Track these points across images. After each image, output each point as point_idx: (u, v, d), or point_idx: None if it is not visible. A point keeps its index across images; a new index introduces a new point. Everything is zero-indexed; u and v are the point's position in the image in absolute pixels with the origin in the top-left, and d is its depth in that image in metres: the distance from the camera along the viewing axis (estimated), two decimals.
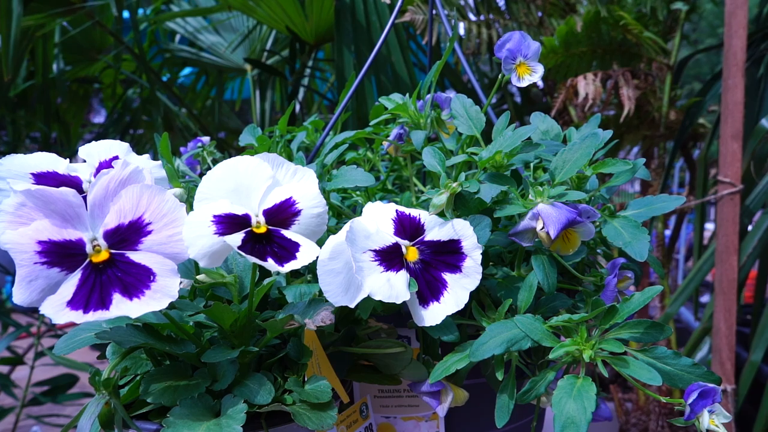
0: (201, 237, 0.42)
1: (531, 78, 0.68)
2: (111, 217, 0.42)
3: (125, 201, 0.42)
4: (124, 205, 0.42)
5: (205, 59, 2.41)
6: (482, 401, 0.65)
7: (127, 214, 0.42)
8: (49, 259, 0.39)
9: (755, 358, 1.53)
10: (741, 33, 1.45)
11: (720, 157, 1.52)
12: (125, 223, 0.42)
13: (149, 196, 0.42)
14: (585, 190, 0.65)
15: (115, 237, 0.41)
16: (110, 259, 0.41)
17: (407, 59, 1.77)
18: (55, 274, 0.39)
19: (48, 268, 0.39)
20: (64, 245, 0.40)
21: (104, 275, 0.40)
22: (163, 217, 0.42)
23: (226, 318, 0.51)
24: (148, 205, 0.42)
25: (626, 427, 2.13)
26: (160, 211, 0.42)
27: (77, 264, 0.40)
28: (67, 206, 0.41)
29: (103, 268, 0.40)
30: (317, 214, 0.49)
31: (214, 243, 0.42)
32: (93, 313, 0.38)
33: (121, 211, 0.42)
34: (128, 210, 0.42)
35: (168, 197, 0.43)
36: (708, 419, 0.51)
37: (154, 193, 0.42)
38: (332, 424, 0.50)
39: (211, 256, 0.42)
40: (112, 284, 0.40)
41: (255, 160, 0.48)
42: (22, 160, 0.50)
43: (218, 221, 0.44)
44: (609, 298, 0.60)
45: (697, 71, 7.91)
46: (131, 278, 0.40)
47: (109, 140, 0.56)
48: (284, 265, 0.44)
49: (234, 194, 0.47)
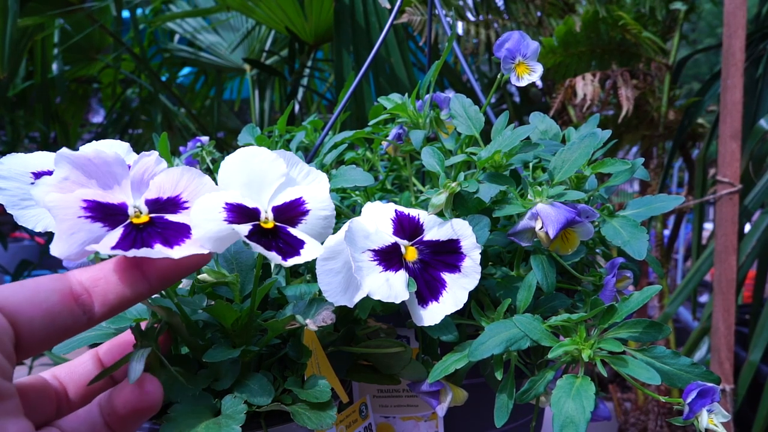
0: (210, 221, 0.42)
1: (530, 78, 0.68)
2: (151, 192, 0.43)
3: (165, 179, 0.44)
4: (163, 183, 0.44)
5: (204, 59, 2.41)
6: (481, 401, 0.65)
7: (166, 191, 0.44)
8: (93, 214, 0.40)
9: (754, 357, 1.53)
10: (740, 33, 1.45)
11: (719, 156, 1.52)
12: (163, 198, 0.43)
13: (189, 178, 0.44)
14: (584, 190, 0.65)
15: (154, 207, 0.43)
16: (150, 221, 0.42)
17: (406, 59, 1.77)
18: (97, 228, 0.40)
19: (92, 222, 0.40)
20: (107, 206, 0.41)
21: (145, 232, 0.41)
22: (197, 196, 0.44)
23: (228, 317, 0.51)
24: (186, 186, 0.44)
25: (625, 426, 2.13)
26: (198, 192, 0.44)
27: (119, 222, 0.41)
28: (110, 176, 0.42)
29: (143, 228, 0.42)
30: (324, 217, 0.49)
31: (222, 229, 0.43)
32: (136, 250, 0.39)
33: (161, 187, 0.44)
34: (167, 188, 0.44)
35: (206, 180, 0.45)
36: (707, 418, 0.51)
37: (194, 176, 0.44)
38: (331, 423, 0.50)
39: (215, 241, 0.42)
40: (152, 237, 0.41)
41: (272, 154, 0.49)
42: (23, 159, 0.50)
43: (229, 209, 0.44)
44: (608, 298, 0.61)
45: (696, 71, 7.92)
46: (171, 231, 0.42)
47: (110, 140, 0.55)
48: (287, 259, 0.44)
49: (247, 186, 0.47)
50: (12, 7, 1.63)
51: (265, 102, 2.42)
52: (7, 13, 1.63)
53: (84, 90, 2.71)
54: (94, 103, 3.99)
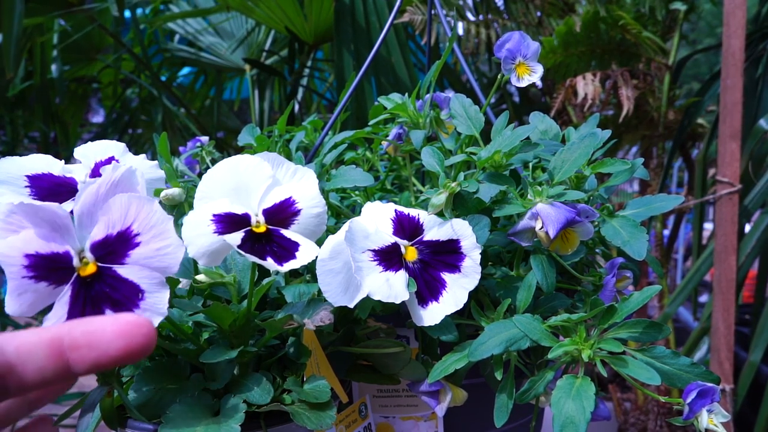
0: (200, 236, 0.42)
1: (530, 78, 0.68)
2: (99, 228, 0.40)
3: (114, 210, 0.40)
4: (112, 214, 0.40)
5: (204, 59, 2.40)
6: (481, 401, 0.65)
7: (115, 224, 0.40)
8: (37, 273, 0.38)
9: (754, 358, 1.53)
10: (739, 33, 1.45)
11: (719, 156, 1.52)
12: (113, 234, 0.40)
13: (138, 205, 0.40)
14: (584, 190, 0.65)
15: (102, 249, 0.40)
16: (98, 272, 0.39)
17: (407, 59, 1.77)
18: (43, 288, 0.38)
19: (36, 282, 0.38)
20: (51, 258, 0.38)
21: (93, 290, 0.39)
22: (151, 229, 0.40)
23: (225, 318, 0.51)
24: (136, 215, 0.40)
25: (625, 426, 2.13)
26: (149, 222, 0.40)
27: (65, 278, 0.39)
28: (55, 216, 0.39)
29: (91, 283, 0.39)
30: (317, 215, 0.49)
31: (214, 242, 0.42)
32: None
33: (109, 221, 0.40)
34: (116, 220, 0.40)
35: (156, 208, 0.40)
36: (707, 418, 0.51)
37: (143, 203, 0.40)
38: (331, 423, 0.50)
39: (210, 255, 0.42)
40: (102, 300, 0.39)
41: (255, 159, 0.48)
42: (18, 163, 0.49)
43: (218, 220, 0.43)
44: (608, 298, 0.61)
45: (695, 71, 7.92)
46: (119, 295, 0.39)
47: (106, 141, 0.55)
48: (283, 264, 0.44)
49: (234, 193, 0.46)
50: (17, 8, 1.63)
51: (265, 102, 2.42)
52: (13, 12, 1.62)
53: (84, 90, 2.71)
54: (94, 103, 3.99)
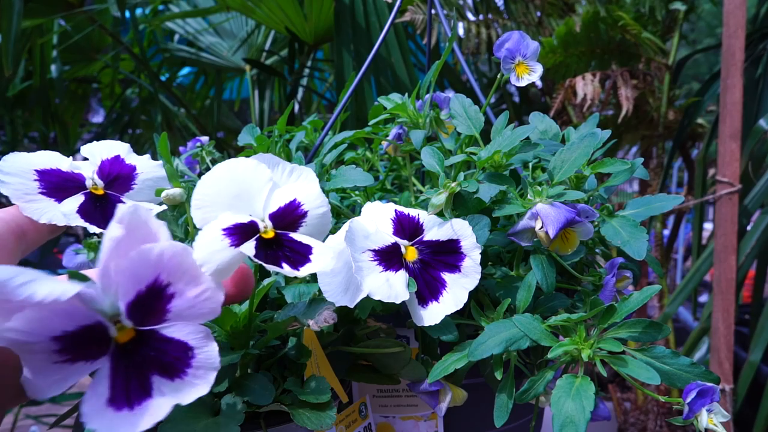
0: (217, 252, 0.39)
1: (530, 77, 0.68)
2: (126, 288, 0.35)
3: (137, 264, 0.35)
4: (137, 269, 0.35)
5: (203, 59, 2.40)
6: (481, 401, 0.65)
7: (141, 280, 0.35)
8: (71, 355, 0.33)
9: (754, 357, 1.53)
10: (739, 33, 1.45)
11: (718, 156, 1.52)
12: (143, 289, 0.35)
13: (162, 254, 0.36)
14: (583, 190, 0.65)
15: (137, 309, 0.35)
16: (137, 337, 0.35)
17: (406, 59, 1.77)
18: (80, 366, 0.33)
19: (71, 364, 0.33)
20: (81, 334, 0.34)
21: (136, 358, 0.35)
22: (183, 275, 0.36)
23: (226, 320, 0.51)
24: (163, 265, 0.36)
25: (625, 426, 2.13)
26: (179, 268, 0.36)
27: (103, 351, 0.34)
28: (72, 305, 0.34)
29: (132, 349, 0.35)
30: (322, 214, 0.48)
31: (233, 256, 0.39)
32: (138, 405, 0.33)
33: (135, 275, 0.35)
34: (143, 276, 0.35)
35: (183, 251, 0.36)
36: (706, 418, 0.51)
37: (171, 250, 0.36)
38: (331, 423, 0.50)
39: (225, 269, 0.39)
40: (148, 367, 0.35)
41: (252, 162, 0.46)
42: (27, 158, 0.49)
43: (229, 233, 0.41)
44: (607, 298, 0.61)
45: (695, 71, 7.92)
46: (168, 357, 0.35)
47: (111, 141, 0.56)
48: (300, 269, 0.42)
49: (235, 200, 0.45)
50: (16, 6, 1.63)
51: (265, 102, 2.42)
52: (12, 11, 1.63)
53: (83, 90, 2.72)
54: (93, 103, 3.99)
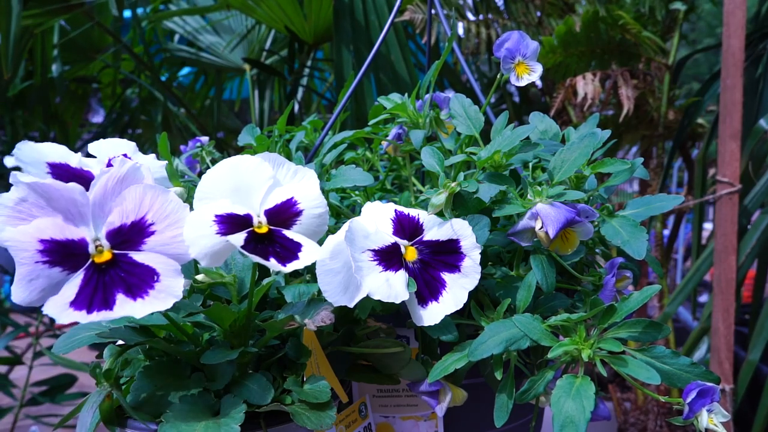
0: (203, 237, 0.42)
1: (529, 77, 0.68)
2: (113, 217, 0.41)
3: (128, 201, 0.41)
4: (126, 205, 0.41)
5: (203, 59, 2.40)
6: (481, 401, 0.65)
7: (129, 214, 0.41)
8: (51, 258, 0.38)
9: (753, 357, 1.53)
10: (739, 33, 1.45)
11: (718, 156, 1.52)
12: (128, 224, 0.41)
13: (152, 196, 0.41)
14: (583, 190, 0.65)
15: (117, 237, 0.41)
16: (113, 259, 0.40)
17: (407, 59, 1.77)
18: (56, 273, 0.38)
19: (50, 267, 0.38)
20: (66, 244, 0.39)
21: (107, 276, 0.39)
22: (166, 218, 0.41)
23: (225, 318, 0.51)
24: (150, 206, 0.41)
25: (625, 426, 2.13)
26: (164, 211, 0.41)
27: (79, 264, 0.39)
28: (71, 204, 0.40)
29: (105, 269, 0.39)
30: (318, 215, 0.49)
31: (216, 243, 0.42)
32: (97, 313, 0.37)
33: (124, 211, 0.41)
34: (131, 210, 0.41)
35: (171, 197, 0.42)
36: (706, 418, 0.51)
37: (158, 193, 0.41)
38: (331, 423, 0.50)
39: (212, 255, 0.42)
40: (115, 284, 0.39)
41: (256, 159, 0.48)
42: (38, 149, 0.50)
43: (220, 221, 0.43)
44: (608, 298, 0.61)
45: (695, 71, 7.92)
46: (135, 278, 0.39)
47: (118, 139, 0.56)
48: (287, 265, 0.44)
49: (235, 194, 0.46)
50: (15, 8, 1.63)
51: (265, 102, 2.41)
52: (11, 13, 1.63)
53: (83, 90, 2.71)
54: (93, 103, 3.98)
